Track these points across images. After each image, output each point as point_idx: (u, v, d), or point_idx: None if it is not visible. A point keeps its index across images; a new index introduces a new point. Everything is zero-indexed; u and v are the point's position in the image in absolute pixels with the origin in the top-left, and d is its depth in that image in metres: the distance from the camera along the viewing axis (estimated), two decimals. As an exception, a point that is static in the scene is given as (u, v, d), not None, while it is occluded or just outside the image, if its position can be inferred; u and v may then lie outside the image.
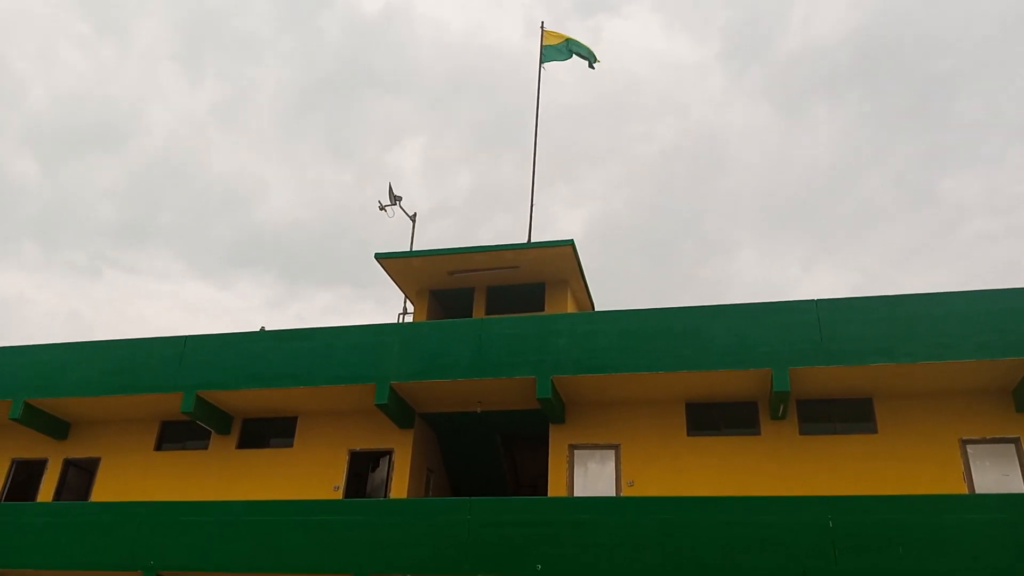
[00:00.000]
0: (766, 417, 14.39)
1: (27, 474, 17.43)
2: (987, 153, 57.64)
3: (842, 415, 14.27)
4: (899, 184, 60.43)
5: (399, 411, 15.33)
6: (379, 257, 18.49)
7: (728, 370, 13.78)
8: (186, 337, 16.32)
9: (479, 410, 15.56)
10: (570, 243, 17.34)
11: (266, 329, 16.60)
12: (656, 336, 14.30)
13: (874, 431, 13.96)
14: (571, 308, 18.51)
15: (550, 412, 14.85)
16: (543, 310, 18.24)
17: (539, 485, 17.30)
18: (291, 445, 16.24)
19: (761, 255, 63.83)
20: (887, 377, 13.61)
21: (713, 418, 14.76)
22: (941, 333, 13.22)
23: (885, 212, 59.91)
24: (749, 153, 61.80)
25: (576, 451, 15.05)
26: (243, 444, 16.52)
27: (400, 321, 19.45)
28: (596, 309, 19.79)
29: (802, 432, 14.20)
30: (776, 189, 62.07)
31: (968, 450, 13.53)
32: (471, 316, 18.57)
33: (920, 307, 13.59)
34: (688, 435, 14.64)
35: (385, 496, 15.22)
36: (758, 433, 14.35)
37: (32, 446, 17.35)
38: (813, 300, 14.02)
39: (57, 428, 17.19)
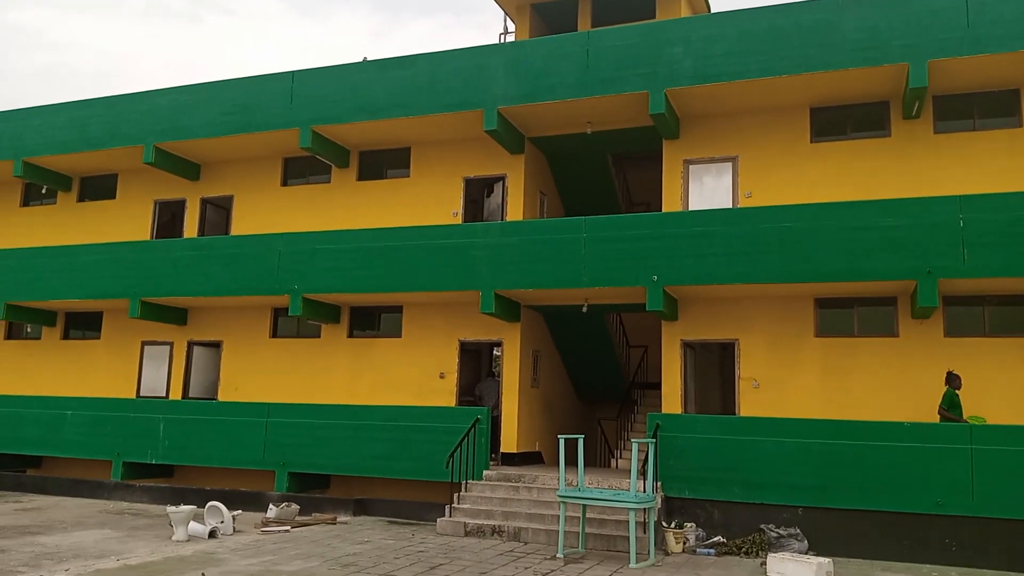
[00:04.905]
0: (898, 117, 13.52)
1: (170, 214, 18.81)
2: None
3: (982, 109, 13.23)
4: None
5: (509, 137, 15.24)
6: (475, -27, 17.44)
7: (859, 68, 12.78)
8: (294, 72, 16.37)
9: (589, 131, 15.28)
10: (681, -64, 15.77)
11: (368, 60, 16.34)
12: (779, 36, 13.26)
13: (1017, 125, 12.95)
14: (685, 13, 17.24)
15: (663, 128, 14.41)
16: (654, 17, 17.09)
17: (652, 203, 17.33)
18: (408, 175, 16.65)
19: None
20: (1040, 63, 12.32)
21: (839, 122, 13.99)
22: (1114, 8, 11.67)
23: None
24: None
25: (691, 166, 14.76)
26: (362, 176, 17.08)
27: (502, 42, 18.73)
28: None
29: (937, 131, 13.33)
30: None
31: (1126, 140, 12.43)
32: (576, 30, 17.64)
33: (1092, -22, 11.90)
34: (811, 142, 14.04)
35: (502, 220, 15.62)
36: (888, 135, 13.58)
37: (170, 188, 18.52)
38: (962, -20, 12.48)
39: (189, 170, 18.13)
